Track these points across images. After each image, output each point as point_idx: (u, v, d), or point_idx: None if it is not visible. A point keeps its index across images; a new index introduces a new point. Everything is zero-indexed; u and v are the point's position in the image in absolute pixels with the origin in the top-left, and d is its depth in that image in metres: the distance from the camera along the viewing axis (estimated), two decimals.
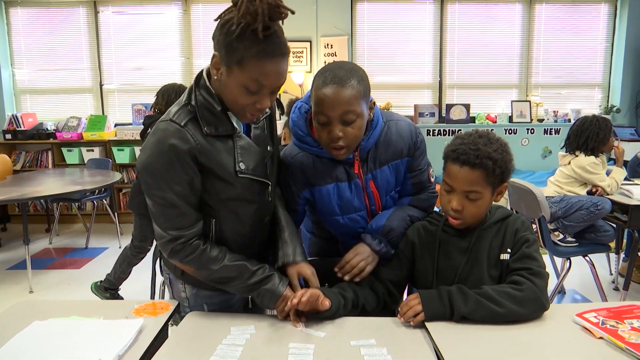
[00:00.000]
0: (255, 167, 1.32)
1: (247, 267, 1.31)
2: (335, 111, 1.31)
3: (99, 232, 5.11)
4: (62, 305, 1.39)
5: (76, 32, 5.76)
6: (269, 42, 1.14)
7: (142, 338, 1.18)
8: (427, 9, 5.73)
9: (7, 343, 1.15)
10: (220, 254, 1.30)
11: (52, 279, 3.89)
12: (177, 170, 1.21)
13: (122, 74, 5.75)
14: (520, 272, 1.30)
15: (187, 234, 1.26)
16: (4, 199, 3.55)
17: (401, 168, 1.53)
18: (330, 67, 1.36)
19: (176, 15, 5.69)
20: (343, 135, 1.33)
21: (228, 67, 1.18)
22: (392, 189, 1.56)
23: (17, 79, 5.84)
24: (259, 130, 1.38)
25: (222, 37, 1.16)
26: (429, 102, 5.84)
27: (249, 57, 1.14)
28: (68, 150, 5.55)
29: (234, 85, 1.19)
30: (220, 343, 1.17)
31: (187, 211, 1.25)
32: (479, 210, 1.35)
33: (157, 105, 3.04)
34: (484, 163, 1.28)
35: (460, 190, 1.32)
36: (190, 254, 1.26)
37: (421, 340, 1.20)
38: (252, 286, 1.31)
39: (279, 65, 1.18)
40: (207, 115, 1.25)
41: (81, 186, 3.98)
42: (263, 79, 1.17)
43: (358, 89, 1.32)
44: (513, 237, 1.37)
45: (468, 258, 1.38)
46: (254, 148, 1.33)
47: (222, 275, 1.30)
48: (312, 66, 5.53)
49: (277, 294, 1.31)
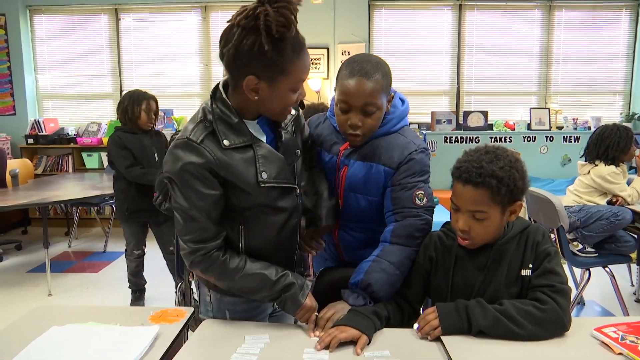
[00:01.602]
0: (278, 174, 1.32)
1: (267, 276, 1.31)
2: (358, 101, 1.39)
3: (117, 236, 5.17)
4: (79, 311, 1.41)
5: (98, 38, 5.87)
6: (295, 39, 1.21)
7: (157, 345, 1.20)
8: (445, 16, 5.71)
9: (26, 348, 1.17)
10: (240, 263, 1.30)
11: (71, 282, 3.96)
12: (198, 186, 1.23)
13: (142, 80, 5.83)
14: (543, 290, 1.26)
15: (206, 246, 1.27)
16: (26, 202, 3.63)
17: (373, 172, 1.49)
18: (358, 59, 1.43)
19: (195, 22, 5.77)
20: (362, 124, 1.42)
21: (272, 81, 1.21)
22: (358, 189, 1.51)
23: (39, 84, 5.97)
24: (288, 134, 1.40)
25: (256, 60, 1.17)
26: (446, 109, 5.81)
27: (290, 61, 1.20)
28: (88, 155, 5.65)
29: (282, 93, 1.25)
30: (235, 352, 1.18)
31: (207, 225, 1.26)
32: (487, 230, 1.30)
33: (117, 116, 3.25)
34: (487, 182, 1.23)
35: (465, 209, 1.28)
36: (210, 266, 1.28)
37: (436, 353, 1.19)
38: (273, 295, 1.33)
39: (308, 55, 1.27)
40: (224, 128, 1.26)
41: (100, 191, 4.04)
42: (303, 75, 1.27)
43: (382, 83, 1.40)
44: (534, 251, 1.32)
45: (486, 275, 1.33)
46: (275, 156, 1.33)
47: (242, 285, 1.31)
48: (330, 73, 5.54)
49: (297, 304, 1.32)
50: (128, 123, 3.18)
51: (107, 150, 3.23)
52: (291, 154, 1.39)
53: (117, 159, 3.15)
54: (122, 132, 3.20)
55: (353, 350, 1.20)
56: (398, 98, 1.56)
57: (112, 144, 3.17)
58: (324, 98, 5.53)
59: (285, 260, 1.44)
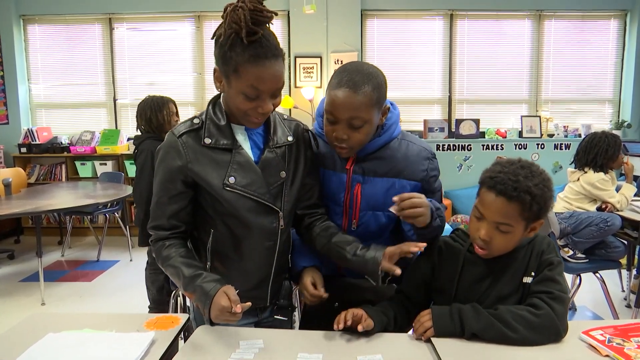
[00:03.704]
0: (249, 185, 1.34)
1: (182, 272, 1.32)
2: (343, 114, 1.33)
3: (111, 245, 5.17)
4: (75, 318, 1.42)
5: (91, 48, 5.89)
6: (258, 47, 1.20)
7: (153, 351, 1.21)
8: (437, 25, 5.78)
9: (22, 354, 1.18)
10: (171, 254, 1.36)
11: (64, 291, 3.94)
12: (168, 180, 1.34)
13: (136, 89, 5.86)
14: (540, 296, 1.26)
15: (158, 233, 1.39)
16: (19, 211, 3.62)
17: (397, 187, 1.47)
18: (349, 69, 1.36)
19: (189, 31, 5.80)
20: (347, 137, 1.36)
21: (227, 78, 1.26)
22: (378, 206, 1.49)
23: (33, 93, 5.97)
24: (273, 154, 1.39)
25: (217, 50, 1.24)
26: (438, 117, 5.86)
27: (242, 63, 1.20)
28: (81, 163, 5.65)
29: (234, 94, 1.26)
30: (229, 357, 1.19)
31: (162, 215, 1.37)
32: (508, 244, 1.29)
33: (139, 126, 3.17)
34: (522, 197, 1.22)
35: (491, 220, 1.26)
36: (155, 249, 1.40)
37: (428, 356, 1.21)
38: (188, 293, 1.34)
39: (272, 67, 1.23)
40: (211, 128, 1.34)
41: (94, 199, 4.03)
42: (258, 84, 1.23)
43: (371, 96, 1.32)
44: (538, 260, 1.32)
45: (491, 282, 1.34)
46: (252, 167, 1.35)
47: (169, 273, 1.37)
48: (323, 82, 5.59)
49: (204, 307, 1.26)
50: (155, 131, 3.14)
51: (142, 160, 3.03)
52: (271, 174, 1.38)
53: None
54: (155, 141, 3.03)
55: (347, 354, 1.22)
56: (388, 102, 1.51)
57: (150, 157, 2.97)
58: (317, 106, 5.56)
59: (255, 282, 1.44)
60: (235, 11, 1.18)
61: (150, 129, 3.13)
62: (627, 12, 5.73)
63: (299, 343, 1.28)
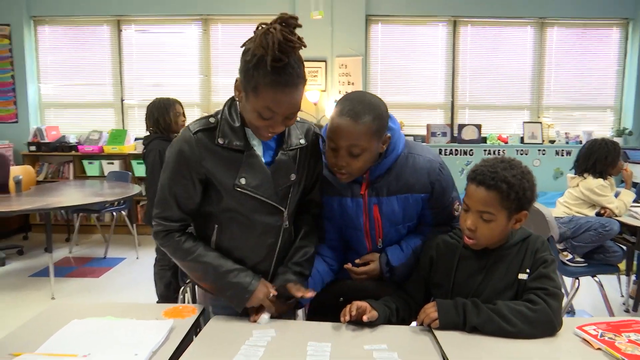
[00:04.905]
0: (258, 186, 1.41)
1: (216, 268, 1.41)
2: (343, 142, 1.38)
3: (117, 243, 5.25)
4: (96, 307, 1.50)
5: (100, 49, 5.98)
6: (281, 73, 1.23)
7: (172, 337, 1.29)
8: (440, 31, 5.86)
9: (50, 339, 1.26)
10: (193, 247, 1.43)
11: (73, 286, 4.02)
12: (177, 172, 1.39)
13: (143, 90, 5.94)
14: (536, 292, 1.34)
15: (167, 225, 1.43)
16: (28, 208, 3.71)
17: (411, 202, 1.56)
18: (352, 98, 1.42)
19: (196, 34, 5.89)
20: (347, 164, 1.42)
21: (245, 92, 1.30)
22: (398, 221, 1.58)
23: (42, 93, 6.06)
24: (285, 157, 1.46)
25: (242, 63, 1.29)
26: (441, 122, 5.94)
27: (263, 85, 1.24)
28: (89, 162, 5.73)
29: (250, 110, 1.31)
30: (244, 344, 1.27)
31: (173, 208, 1.41)
32: (492, 232, 1.38)
33: (148, 127, 3.29)
34: (499, 185, 1.33)
35: (474, 209, 1.38)
36: (167, 242, 1.43)
37: (430, 346, 1.28)
38: (218, 288, 1.44)
39: (291, 95, 1.28)
40: (225, 129, 1.39)
41: (101, 197, 4.11)
42: (275, 107, 1.28)
43: (370, 126, 1.37)
44: (532, 257, 1.40)
45: (485, 277, 1.42)
46: (262, 169, 1.42)
47: (190, 269, 1.44)
48: (327, 85, 5.67)
49: (243, 301, 1.41)
50: (163, 131, 3.24)
51: (152, 159, 3.15)
52: (282, 175, 1.45)
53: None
54: (163, 141, 3.18)
55: (354, 343, 1.30)
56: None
57: (158, 155, 3.10)
58: (322, 110, 5.66)
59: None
60: (265, 35, 1.20)
61: (158, 129, 3.24)
62: (629, 21, 5.81)
63: (308, 333, 1.36)
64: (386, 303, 1.47)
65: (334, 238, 1.68)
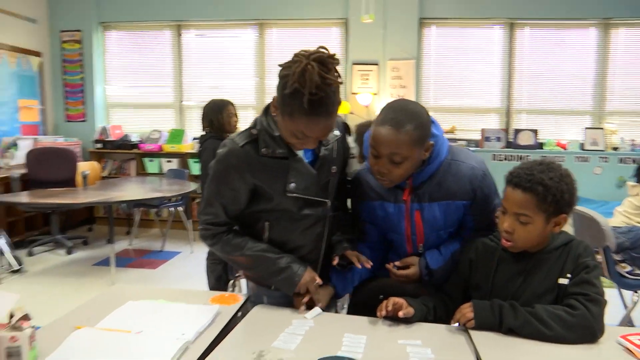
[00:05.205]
0: (307, 188, 1.49)
1: (265, 257, 1.50)
2: (385, 150, 1.41)
3: (174, 238, 5.50)
4: (151, 291, 1.63)
5: (161, 53, 6.28)
6: (316, 105, 1.30)
7: (217, 321, 1.38)
8: (496, 34, 5.74)
9: (108, 316, 1.39)
10: (242, 243, 1.51)
11: (131, 276, 4.27)
12: (225, 182, 1.47)
13: (200, 92, 6.19)
14: (577, 297, 1.32)
15: (214, 229, 1.52)
16: (93, 201, 3.98)
17: (453, 209, 1.56)
18: (395, 107, 1.45)
19: (252, 38, 6.07)
20: (388, 172, 1.44)
21: (282, 114, 1.37)
22: (440, 227, 1.60)
23: (108, 94, 6.44)
24: (327, 152, 1.53)
25: (280, 88, 1.36)
26: (496, 127, 5.81)
27: (297, 113, 1.32)
28: (149, 160, 6.04)
29: (284, 128, 1.40)
30: (283, 331, 1.34)
31: (220, 215, 1.51)
32: (529, 235, 1.37)
33: (204, 128, 3.46)
34: (535, 188, 1.32)
35: (511, 212, 1.37)
36: (216, 242, 1.53)
37: (464, 345, 1.30)
38: (267, 275, 1.52)
39: (324, 123, 1.36)
40: (266, 139, 1.46)
41: (160, 193, 4.36)
42: (308, 132, 1.36)
43: (412, 135, 1.39)
44: (574, 263, 1.38)
45: (524, 280, 1.42)
46: (308, 171, 1.49)
47: (240, 262, 1.53)
48: (379, 88, 5.69)
49: (295, 283, 1.49)
50: (217, 131, 3.41)
51: (206, 157, 3.29)
52: (325, 171, 1.53)
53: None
54: (217, 140, 3.28)
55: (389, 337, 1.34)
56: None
57: (212, 154, 3.27)
58: (372, 112, 5.68)
59: (309, 264, 1.57)
60: (303, 72, 1.26)
61: (212, 129, 3.40)
62: None
63: (345, 325, 1.41)
64: (424, 302, 1.50)
65: (374, 240, 1.71)
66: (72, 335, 1.26)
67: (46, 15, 6.12)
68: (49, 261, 4.68)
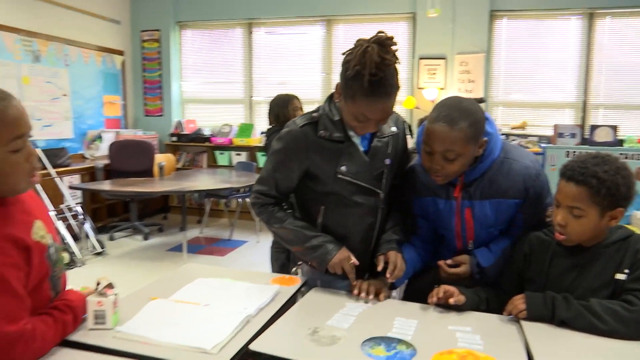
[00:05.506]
0: (358, 173, 1.56)
1: (303, 233, 1.58)
2: (439, 147, 1.43)
3: (241, 228, 5.75)
4: (218, 271, 1.78)
5: (233, 50, 6.54)
6: (375, 86, 1.38)
7: (277, 299, 1.49)
8: (573, 25, 5.48)
9: (179, 290, 1.53)
10: (284, 217, 1.61)
11: (201, 261, 4.53)
12: (280, 160, 1.59)
13: (269, 88, 6.38)
14: (635, 293, 1.30)
15: (264, 199, 1.64)
16: (168, 190, 4.29)
17: (504, 207, 1.56)
18: (448, 104, 1.46)
19: (319, 34, 6.18)
20: (442, 168, 1.46)
21: (344, 97, 1.46)
22: (490, 225, 1.60)
23: (183, 90, 6.81)
24: (380, 143, 1.60)
25: (342, 73, 1.45)
26: (570, 122, 5.55)
27: (358, 95, 1.41)
28: (220, 153, 6.34)
29: (346, 112, 1.49)
30: (337, 312, 1.42)
31: (272, 189, 1.62)
32: (583, 228, 1.35)
33: (271, 122, 3.59)
34: (588, 181, 1.30)
35: (564, 205, 1.36)
36: (262, 211, 1.65)
37: (514, 335, 1.31)
38: (304, 251, 1.60)
39: (384, 104, 1.43)
40: (326, 122, 1.55)
41: (229, 184, 4.59)
42: (369, 114, 1.43)
43: (466, 132, 1.40)
44: (633, 258, 1.35)
45: (579, 274, 1.40)
46: (360, 157, 1.56)
47: (282, 234, 1.62)
48: (446, 83, 5.61)
49: (327, 260, 1.55)
50: (283, 125, 3.56)
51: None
52: (378, 161, 1.59)
53: None
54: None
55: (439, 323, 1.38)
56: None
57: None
58: None
59: (357, 254, 1.61)
60: (364, 53, 1.36)
61: (277, 123, 3.53)
62: None
63: (397, 310, 1.47)
64: (476, 292, 1.52)
65: (427, 233, 1.74)
66: (148, 305, 1.40)
67: (128, 17, 6.57)
68: (127, 245, 5.06)
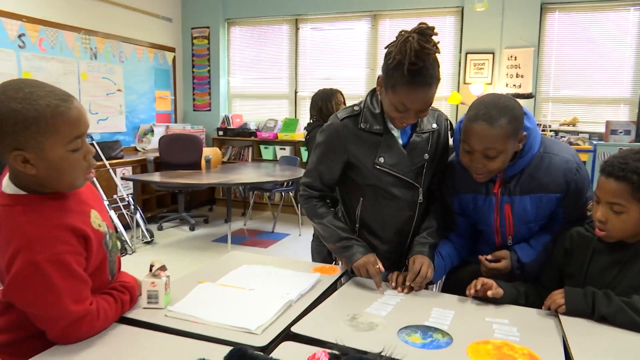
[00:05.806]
0: (395, 164, 1.60)
1: (336, 232, 1.64)
2: (479, 145, 1.42)
3: (284, 221, 5.86)
4: (263, 258, 1.86)
5: (279, 46, 6.65)
6: (416, 75, 1.41)
7: (317, 287, 1.55)
8: (631, 17, 5.25)
9: (225, 275, 1.62)
10: (325, 214, 1.68)
11: (245, 252, 4.64)
12: (324, 152, 1.65)
13: (314, 83, 6.45)
14: None
15: (309, 192, 1.72)
16: (215, 182, 4.44)
17: (545, 202, 1.56)
18: (486, 102, 1.44)
19: (365, 29, 6.19)
20: (483, 166, 1.46)
21: (385, 88, 1.51)
22: (530, 220, 1.60)
23: (230, 85, 6.98)
24: (419, 138, 1.63)
25: (384, 64, 1.49)
26: (625, 119, 5.34)
27: (399, 84, 1.44)
28: (265, 147, 6.47)
29: (387, 103, 1.52)
30: (376, 301, 1.46)
31: (316, 180, 1.69)
32: (624, 225, 1.34)
33: (312, 116, 3.65)
34: (629, 177, 1.30)
35: (604, 201, 1.35)
36: (306, 204, 1.73)
37: (552, 329, 1.31)
38: (335, 249, 1.67)
39: (424, 93, 1.45)
40: (367, 115, 1.61)
41: (273, 178, 4.69)
42: (409, 104, 1.46)
43: (506, 129, 1.39)
44: None
45: (620, 270, 1.39)
46: (399, 149, 1.61)
47: (319, 230, 1.70)
48: (493, 78, 5.51)
49: (352, 262, 1.60)
50: (325, 119, 3.62)
51: (312, 145, 3.56)
52: (417, 155, 1.62)
53: None
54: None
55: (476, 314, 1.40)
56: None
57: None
58: None
59: (394, 246, 1.68)
60: (405, 42, 1.39)
61: (320, 117, 3.58)
62: None
63: (435, 301, 1.49)
64: (515, 286, 1.52)
65: (464, 230, 1.75)
66: (196, 288, 1.49)
67: (180, 14, 6.79)
68: (175, 235, 5.26)
